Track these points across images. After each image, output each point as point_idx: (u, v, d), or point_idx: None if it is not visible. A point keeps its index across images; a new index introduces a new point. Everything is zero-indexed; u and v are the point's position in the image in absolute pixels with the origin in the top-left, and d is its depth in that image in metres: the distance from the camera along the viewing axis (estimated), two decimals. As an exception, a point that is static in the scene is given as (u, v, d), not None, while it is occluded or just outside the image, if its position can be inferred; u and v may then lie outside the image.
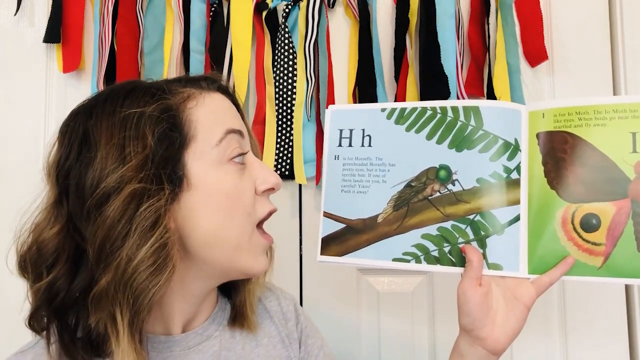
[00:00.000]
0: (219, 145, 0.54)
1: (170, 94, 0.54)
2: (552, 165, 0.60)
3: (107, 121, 0.51)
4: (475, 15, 0.99)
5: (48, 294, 0.50)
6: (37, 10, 1.02)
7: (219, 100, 0.57)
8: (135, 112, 0.51)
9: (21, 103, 1.01)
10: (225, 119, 0.56)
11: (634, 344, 0.96)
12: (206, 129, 0.54)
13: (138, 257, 0.47)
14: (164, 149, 0.50)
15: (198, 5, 0.98)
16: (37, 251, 0.50)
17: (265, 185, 0.57)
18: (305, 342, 0.69)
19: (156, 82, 0.56)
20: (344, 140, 0.68)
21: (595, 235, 0.58)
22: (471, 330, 0.59)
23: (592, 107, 0.59)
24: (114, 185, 0.48)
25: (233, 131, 0.55)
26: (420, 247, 0.63)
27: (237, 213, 0.54)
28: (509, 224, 0.61)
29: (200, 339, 0.59)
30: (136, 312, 0.48)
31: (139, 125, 0.50)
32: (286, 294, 0.72)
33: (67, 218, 0.51)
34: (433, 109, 0.65)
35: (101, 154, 0.49)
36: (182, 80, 0.58)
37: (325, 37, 0.98)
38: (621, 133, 0.58)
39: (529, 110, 0.62)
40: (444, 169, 0.63)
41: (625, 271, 0.57)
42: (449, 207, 0.63)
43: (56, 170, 0.52)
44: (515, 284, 0.60)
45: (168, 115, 0.51)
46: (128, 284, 0.47)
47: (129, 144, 0.49)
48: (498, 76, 0.94)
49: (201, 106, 0.55)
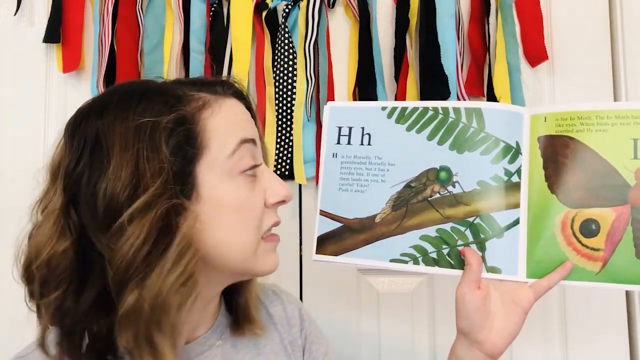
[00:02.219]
0: (232, 157, 0.52)
1: (185, 101, 0.52)
2: (553, 170, 0.60)
3: (120, 127, 0.48)
4: (475, 15, 0.99)
5: (59, 309, 0.48)
6: (37, 10, 1.02)
7: (234, 107, 0.55)
8: (150, 121, 0.48)
9: (21, 103, 1.01)
10: (240, 127, 0.54)
11: (634, 345, 0.96)
12: (220, 139, 0.52)
13: (168, 282, 0.46)
14: (178, 164, 0.48)
15: (198, 5, 0.97)
16: (46, 265, 0.48)
17: (275, 199, 0.56)
18: (310, 349, 0.68)
19: (170, 85, 0.54)
20: (342, 138, 0.68)
21: (595, 241, 0.58)
22: (469, 333, 0.59)
23: (594, 113, 0.59)
24: (129, 201, 0.46)
25: (247, 140, 0.53)
26: (419, 249, 0.63)
27: (246, 226, 0.53)
28: (509, 228, 0.61)
29: (202, 349, 0.58)
30: (171, 330, 0.48)
31: (153, 137, 0.48)
32: (292, 298, 0.71)
33: (79, 231, 0.48)
34: (435, 109, 0.65)
35: (114, 163, 0.47)
36: (196, 84, 0.55)
37: (325, 37, 0.98)
38: (623, 139, 0.58)
39: (530, 114, 0.62)
40: (445, 170, 0.63)
41: (624, 277, 0.57)
42: (448, 209, 0.62)
43: (65, 175, 0.49)
44: (514, 288, 0.60)
45: (183, 128, 0.50)
46: (157, 306, 0.46)
47: (143, 157, 0.47)
48: (498, 76, 0.94)
49: (217, 115, 0.53)
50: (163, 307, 0.46)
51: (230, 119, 0.54)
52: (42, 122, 1.00)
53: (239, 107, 0.56)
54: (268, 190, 0.55)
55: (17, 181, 0.98)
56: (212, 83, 0.56)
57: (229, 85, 0.57)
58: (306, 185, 0.97)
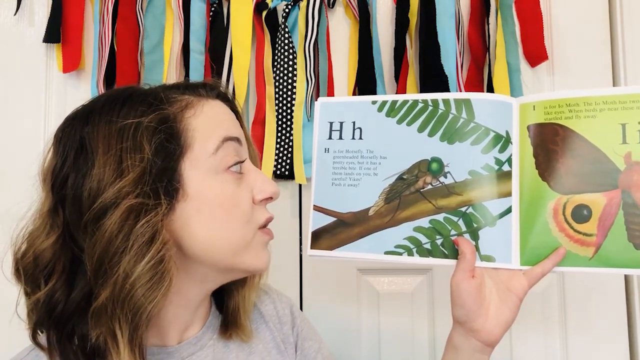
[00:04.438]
0: (215, 154, 0.53)
1: (168, 102, 0.53)
2: (543, 157, 0.60)
3: (104, 130, 0.50)
4: (475, 15, 0.99)
5: (47, 305, 0.50)
6: (37, 10, 1.02)
7: (217, 108, 0.57)
8: (132, 122, 0.50)
9: (21, 103, 1.01)
10: (223, 126, 0.55)
11: (634, 341, 0.96)
12: (203, 137, 0.53)
13: (135, 273, 0.47)
14: (161, 161, 0.50)
15: (198, 5, 0.98)
16: (33, 260, 0.50)
17: (262, 195, 0.56)
18: (302, 346, 0.68)
19: (154, 89, 0.56)
20: (334, 133, 0.68)
21: (587, 226, 0.58)
22: (465, 322, 0.60)
23: (583, 99, 0.60)
24: (112, 199, 0.47)
25: (230, 139, 0.55)
26: (413, 240, 0.63)
27: (234, 222, 0.54)
28: (501, 216, 0.61)
29: (194, 349, 0.58)
30: (135, 327, 0.48)
31: (136, 136, 0.49)
32: (282, 297, 0.71)
33: (63, 228, 0.50)
34: (424, 101, 0.65)
35: (98, 164, 0.49)
36: (180, 87, 0.57)
37: (325, 37, 0.98)
38: (611, 124, 0.58)
39: (519, 103, 0.62)
40: (436, 161, 0.63)
41: (617, 261, 0.57)
42: (441, 199, 0.63)
43: (52, 177, 0.51)
44: (508, 276, 0.60)
45: (166, 126, 0.51)
46: (126, 301, 0.47)
47: (127, 156, 0.49)
48: (498, 76, 0.94)
49: (199, 115, 0.54)
50: (130, 303, 0.47)
51: (213, 119, 0.55)
52: (42, 122, 1.01)
53: (222, 107, 0.58)
54: (255, 188, 0.56)
55: (17, 181, 0.98)
56: (196, 86, 0.58)
57: (212, 87, 0.59)
58: (306, 185, 0.97)
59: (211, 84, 0.59)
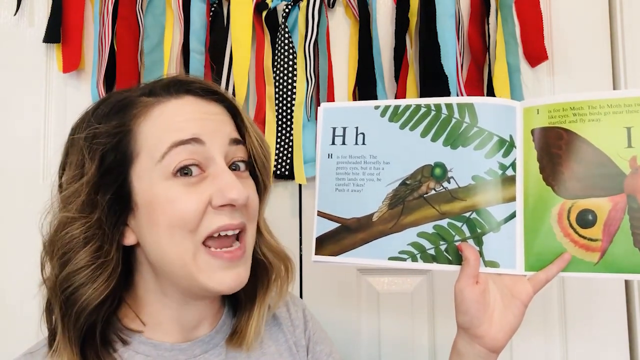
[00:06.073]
0: (161, 162, 0.52)
1: (124, 111, 0.54)
2: (548, 162, 0.60)
3: (78, 140, 0.54)
4: (475, 15, 0.99)
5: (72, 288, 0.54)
6: (37, 10, 1.02)
7: (176, 108, 0.54)
8: (82, 136, 0.53)
9: (21, 103, 1.01)
10: (173, 129, 0.52)
11: (635, 345, 0.96)
12: (150, 145, 0.52)
13: (75, 268, 0.51)
14: (106, 174, 0.52)
15: (198, 5, 0.98)
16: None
17: (219, 200, 0.52)
18: (313, 349, 0.68)
19: (125, 94, 0.56)
20: (337, 139, 0.68)
21: (592, 231, 0.58)
22: (469, 328, 0.59)
23: (587, 103, 0.59)
24: (64, 202, 0.53)
25: (181, 143, 0.52)
26: (417, 246, 0.63)
27: (175, 231, 0.51)
28: (505, 221, 0.61)
29: (207, 348, 0.59)
30: (64, 315, 0.51)
31: (90, 147, 0.52)
32: (296, 300, 0.71)
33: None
34: (427, 106, 0.65)
35: (67, 168, 0.55)
36: (148, 87, 0.56)
37: (325, 37, 0.98)
38: (616, 128, 0.58)
39: (523, 107, 0.62)
40: (439, 166, 0.63)
41: (622, 267, 0.57)
42: (444, 204, 0.63)
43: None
44: (512, 281, 0.60)
45: (116, 139, 0.53)
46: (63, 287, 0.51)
47: (84, 166, 0.52)
48: (498, 76, 0.94)
49: (149, 120, 0.53)
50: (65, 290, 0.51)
51: (163, 124, 0.53)
52: (42, 122, 1.00)
53: (187, 105, 0.54)
54: (217, 192, 0.52)
55: (17, 181, 0.98)
56: (167, 84, 0.56)
57: (181, 84, 0.56)
58: (306, 185, 0.97)
59: (179, 80, 0.56)
